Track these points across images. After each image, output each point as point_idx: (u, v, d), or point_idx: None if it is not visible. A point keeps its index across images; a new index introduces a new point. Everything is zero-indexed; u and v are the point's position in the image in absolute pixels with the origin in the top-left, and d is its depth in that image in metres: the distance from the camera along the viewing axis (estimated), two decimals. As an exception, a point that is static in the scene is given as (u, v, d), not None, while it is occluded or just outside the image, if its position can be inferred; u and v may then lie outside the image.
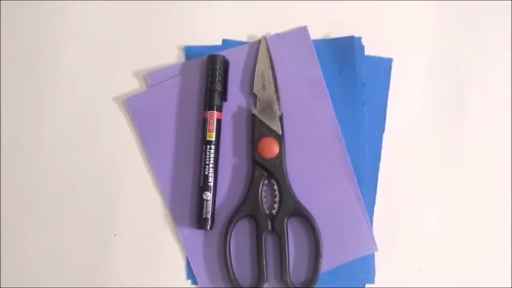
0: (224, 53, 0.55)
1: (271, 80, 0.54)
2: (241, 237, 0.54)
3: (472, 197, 0.55)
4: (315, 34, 0.56)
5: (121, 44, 0.57)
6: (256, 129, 0.54)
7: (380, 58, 0.56)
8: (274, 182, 0.53)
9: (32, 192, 0.56)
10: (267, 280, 0.52)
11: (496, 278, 0.54)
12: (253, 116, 0.54)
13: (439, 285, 0.54)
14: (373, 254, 0.54)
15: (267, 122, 0.54)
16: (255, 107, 0.54)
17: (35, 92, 0.57)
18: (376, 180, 0.55)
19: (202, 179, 0.53)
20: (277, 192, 0.53)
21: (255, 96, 0.55)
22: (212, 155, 0.53)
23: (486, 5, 0.57)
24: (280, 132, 0.53)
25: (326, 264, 0.53)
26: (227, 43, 0.56)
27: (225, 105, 0.55)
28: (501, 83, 0.56)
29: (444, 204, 0.55)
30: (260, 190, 0.53)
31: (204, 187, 0.53)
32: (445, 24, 0.57)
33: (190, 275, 0.54)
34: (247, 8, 0.57)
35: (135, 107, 0.56)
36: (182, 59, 0.56)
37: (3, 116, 0.56)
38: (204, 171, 0.53)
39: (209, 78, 0.54)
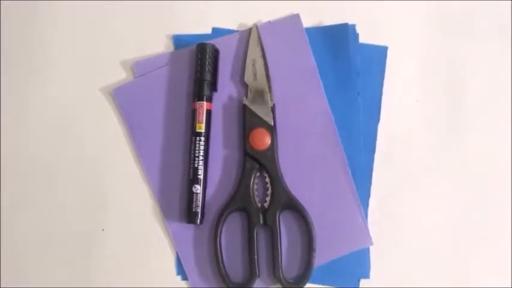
0: (214, 41, 0.54)
1: (263, 70, 0.53)
2: (232, 231, 0.52)
3: (470, 189, 0.54)
4: (308, 22, 0.54)
5: (108, 33, 0.56)
6: (247, 120, 0.52)
7: (375, 46, 0.54)
8: (266, 175, 0.52)
9: (17, 185, 0.54)
10: (259, 275, 0.51)
11: (494, 270, 0.53)
12: (244, 106, 0.52)
13: (436, 280, 0.53)
14: (368, 248, 0.52)
15: (258, 113, 0.52)
16: (246, 97, 0.53)
17: (22, 83, 0.55)
18: (371, 172, 0.53)
19: (191, 171, 0.51)
20: (269, 184, 0.52)
21: (246, 86, 0.53)
22: (202, 147, 0.52)
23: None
24: (272, 123, 0.52)
25: (320, 259, 0.51)
26: (217, 31, 0.55)
27: (215, 95, 0.53)
28: (499, 71, 0.55)
29: (441, 197, 0.54)
30: (251, 183, 0.52)
31: (193, 180, 0.51)
32: (442, 11, 0.55)
33: (180, 270, 0.53)
34: (237, -5, 0.56)
35: (122, 98, 0.54)
36: (171, 48, 0.55)
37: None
38: (194, 163, 0.51)
39: (198, 68, 0.52)
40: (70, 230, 0.54)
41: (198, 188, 0.51)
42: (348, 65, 0.54)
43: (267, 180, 0.52)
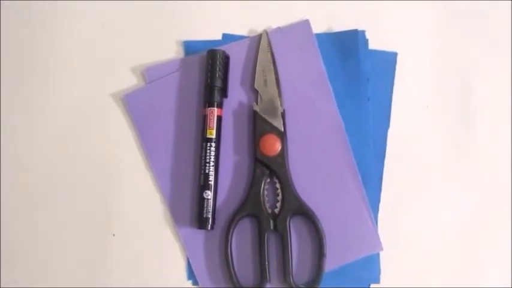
0: (224, 47, 0.54)
1: (273, 75, 0.53)
2: (243, 237, 0.53)
3: (479, 194, 0.54)
4: (318, 28, 0.55)
5: (119, 40, 0.56)
6: (257, 126, 0.52)
7: (384, 52, 0.55)
8: (277, 180, 0.52)
9: (29, 191, 0.55)
10: (269, 280, 0.51)
11: (503, 274, 0.53)
12: (255, 112, 0.53)
13: (445, 285, 0.53)
14: (378, 254, 0.53)
15: (268, 119, 0.52)
16: (257, 103, 0.53)
17: (32, 89, 0.56)
18: (381, 177, 0.53)
19: (202, 177, 0.52)
20: (279, 190, 0.52)
21: (256, 92, 0.53)
22: (213, 153, 0.52)
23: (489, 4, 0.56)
24: (282, 129, 0.52)
25: (330, 264, 0.51)
26: (227, 38, 0.55)
27: (226, 101, 0.54)
28: (508, 77, 0.55)
29: (451, 202, 0.54)
30: (262, 189, 0.52)
31: (204, 186, 0.52)
32: (452, 17, 0.56)
33: (191, 275, 0.53)
34: (247, 2, 0.55)
35: (133, 104, 0.55)
36: (181, 54, 0.55)
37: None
38: (205, 169, 0.52)
39: (209, 74, 0.53)
40: (80, 235, 0.54)
41: (208, 194, 0.52)
42: (358, 71, 0.54)
43: (277, 186, 0.52)
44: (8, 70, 0.56)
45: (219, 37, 0.55)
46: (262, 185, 0.52)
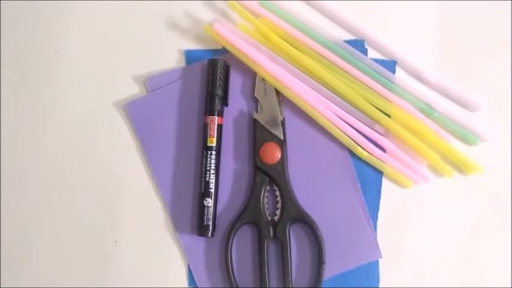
0: (225, 56, 0.54)
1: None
2: (243, 244, 0.53)
3: (480, 200, 0.54)
4: (317, 37, 0.55)
5: (121, 48, 0.57)
6: (257, 135, 0.53)
7: (383, 61, 0.55)
8: (276, 188, 0.53)
9: (32, 199, 0.55)
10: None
11: (502, 284, 0.53)
12: (255, 120, 0.53)
13: (444, 292, 0.53)
14: (377, 261, 0.53)
15: (268, 127, 0.53)
16: (257, 112, 0.54)
17: (35, 97, 0.56)
18: (380, 185, 0.54)
19: (203, 185, 0.52)
20: (279, 198, 0.52)
21: (256, 100, 0.54)
22: (213, 161, 0.52)
23: (489, 4, 0.56)
24: (282, 137, 0.53)
25: (329, 272, 0.52)
26: (228, 46, 0.56)
27: (226, 110, 0.54)
28: (509, 80, 0.55)
29: (450, 209, 0.54)
30: (262, 196, 0.52)
31: (205, 193, 0.52)
32: (449, 25, 0.56)
33: (192, 282, 0.53)
34: (248, 11, 0.56)
35: (135, 112, 0.55)
36: (182, 63, 0.56)
37: (2, 120, 0.56)
38: (205, 177, 0.52)
39: (210, 83, 0.53)
40: (83, 242, 0.54)
41: (209, 202, 0.52)
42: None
43: (277, 193, 0.53)
44: (9, 78, 0.57)
45: (220, 46, 0.56)
46: (262, 193, 0.52)
